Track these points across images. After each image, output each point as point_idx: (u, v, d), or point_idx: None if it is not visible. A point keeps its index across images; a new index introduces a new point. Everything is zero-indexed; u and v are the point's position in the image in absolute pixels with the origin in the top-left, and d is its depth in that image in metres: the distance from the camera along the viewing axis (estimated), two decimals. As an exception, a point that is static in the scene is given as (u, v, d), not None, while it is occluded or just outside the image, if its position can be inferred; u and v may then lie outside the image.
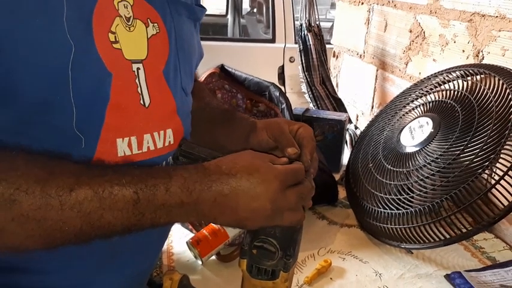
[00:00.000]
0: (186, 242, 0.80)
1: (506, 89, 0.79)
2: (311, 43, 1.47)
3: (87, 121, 0.45)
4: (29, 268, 0.50)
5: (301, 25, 1.51)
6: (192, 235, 0.81)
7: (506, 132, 0.73)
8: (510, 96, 0.77)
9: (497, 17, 0.92)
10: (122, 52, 0.48)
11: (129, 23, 0.49)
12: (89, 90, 0.45)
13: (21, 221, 0.38)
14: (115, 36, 0.47)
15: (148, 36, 0.52)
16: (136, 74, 0.50)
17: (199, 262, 0.79)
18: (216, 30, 3.60)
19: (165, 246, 0.83)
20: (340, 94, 1.65)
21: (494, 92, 0.81)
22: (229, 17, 3.58)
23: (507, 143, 0.73)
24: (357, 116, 1.62)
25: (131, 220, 0.43)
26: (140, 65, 0.50)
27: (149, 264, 0.65)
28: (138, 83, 0.50)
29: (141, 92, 0.50)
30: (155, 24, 0.53)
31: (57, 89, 0.42)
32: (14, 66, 0.40)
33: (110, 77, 0.46)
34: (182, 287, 0.64)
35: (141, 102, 0.51)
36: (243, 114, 0.71)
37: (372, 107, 1.51)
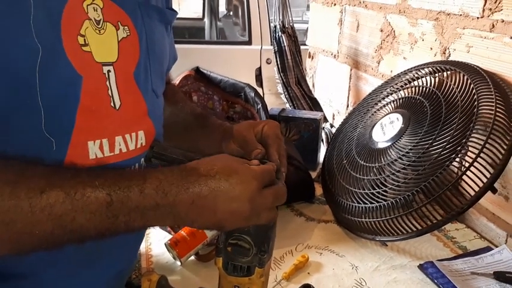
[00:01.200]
0: (165, 244, 0.80)
1: (470, 84, 0.82)
2: (285, 44, 1.48)
3: (57, 124, 0.45)
4: (2, 273, 0.50)
5: (275, 27, 1.53)
6: (170, 236, 0.81)
7: (471, 125, 0.76)
8: (474, 91, 0.80)
9: (461, 15, 0.95)
10: (92, 55, 0.48)
11: (99, 26, 0.49)
12: (58, 93, 0.45)
13: None
14: (84, 39, 0.47)
15: (119, 39, 0.52)
16: (107, 76, 0.50)
17: (178, 263, 0.79)
18: (193, 33, 3.60)
19: (143, 249, 0.84)
20: (317, 94, 1.67)
21: (459, 87, 0.84)
22: (206, 20, 3.59)
23: (472, 135, 0.76)
24: (333, 115, 1.65)
25: (104, 223, 0.42)
26: (111, 68, 0.51)
27: (126, 266, 0.65)
28: (108, 85, 0.50)
29: (112, 94, 0.51)
30: (125, 27, 0.53)
31: (25, 92, 0.42)
32: None
33: (80, 80, 0.47)
34: None
35: (112, 104, 0.51)
36: (216, 120, 0.71)
37: (347, 106, 1.54)
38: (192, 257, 0.80)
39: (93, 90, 0.48)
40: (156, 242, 0.86)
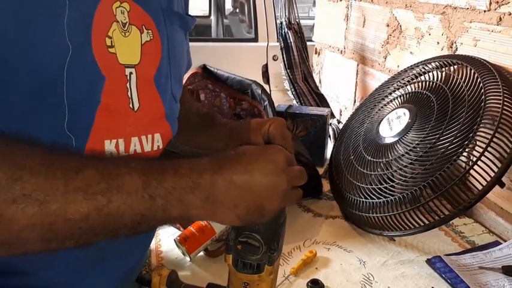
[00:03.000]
0: (174, 240, 0.81)
1: (477, 78, 0.82)
2: (291, 40, 1.49)
3: (78, 122, 0.46)
4: (4, 271, 0.49)
5: (281, 23, 1.53)
6: (179, 233, 0.82)
7: (478, 119, 0.76)
8: (481, 85, 0.80)
9: (468, 8, 0.95)
10: (117, 56, 0.49)
11: (125, 29, 0.50)
12: (82, 92, 0.46)
13: (23, 203, 0.35)
14: (111, 41, 0.48)
15: (142, 42, 0.53)
16: (128, 78, 0.51)
17: (188, 259, 0.80)
18: (199, 31, 3.61)
19: (153, 246, 0.85)
20: (324, 90, 1.67)
21: (466, 81, 0.84)
22: (213, 17, 3.60)
23: (479, 129, 0.75)
24: (340, 111, 1.64)
25: (141, 206, 0.40)
26: (133, 70, 0.52)
27: (136, 264, 0.66)
28: (128, 87, 0.51)
29: (131, 96, 0.52)
30: (149, 31, 0.54)
31: (52, 90, 0.43)
32: (10, 65, 0.41)
33: (103, 80, 0.48)
34: (171, 282, 0.65)
35: (130, 106, 0.52)
36: (221, 119, 0.72)
37: (355, 102, 1.53)
38: (201, 253, 0.81)
39: (113, 91, 0.49)
40: (165, 238, 0.87)
